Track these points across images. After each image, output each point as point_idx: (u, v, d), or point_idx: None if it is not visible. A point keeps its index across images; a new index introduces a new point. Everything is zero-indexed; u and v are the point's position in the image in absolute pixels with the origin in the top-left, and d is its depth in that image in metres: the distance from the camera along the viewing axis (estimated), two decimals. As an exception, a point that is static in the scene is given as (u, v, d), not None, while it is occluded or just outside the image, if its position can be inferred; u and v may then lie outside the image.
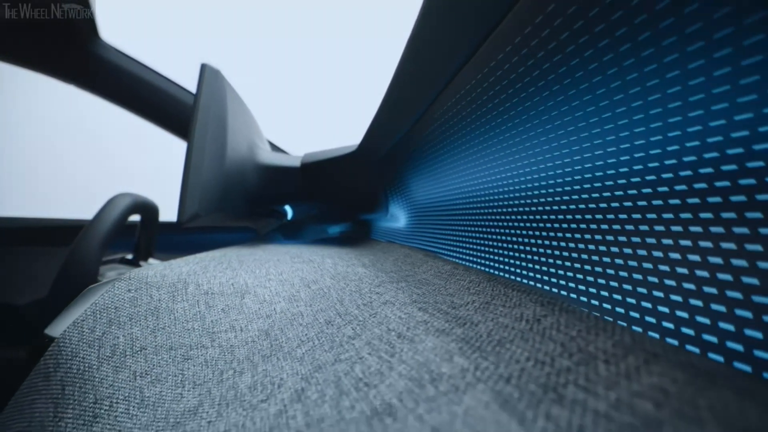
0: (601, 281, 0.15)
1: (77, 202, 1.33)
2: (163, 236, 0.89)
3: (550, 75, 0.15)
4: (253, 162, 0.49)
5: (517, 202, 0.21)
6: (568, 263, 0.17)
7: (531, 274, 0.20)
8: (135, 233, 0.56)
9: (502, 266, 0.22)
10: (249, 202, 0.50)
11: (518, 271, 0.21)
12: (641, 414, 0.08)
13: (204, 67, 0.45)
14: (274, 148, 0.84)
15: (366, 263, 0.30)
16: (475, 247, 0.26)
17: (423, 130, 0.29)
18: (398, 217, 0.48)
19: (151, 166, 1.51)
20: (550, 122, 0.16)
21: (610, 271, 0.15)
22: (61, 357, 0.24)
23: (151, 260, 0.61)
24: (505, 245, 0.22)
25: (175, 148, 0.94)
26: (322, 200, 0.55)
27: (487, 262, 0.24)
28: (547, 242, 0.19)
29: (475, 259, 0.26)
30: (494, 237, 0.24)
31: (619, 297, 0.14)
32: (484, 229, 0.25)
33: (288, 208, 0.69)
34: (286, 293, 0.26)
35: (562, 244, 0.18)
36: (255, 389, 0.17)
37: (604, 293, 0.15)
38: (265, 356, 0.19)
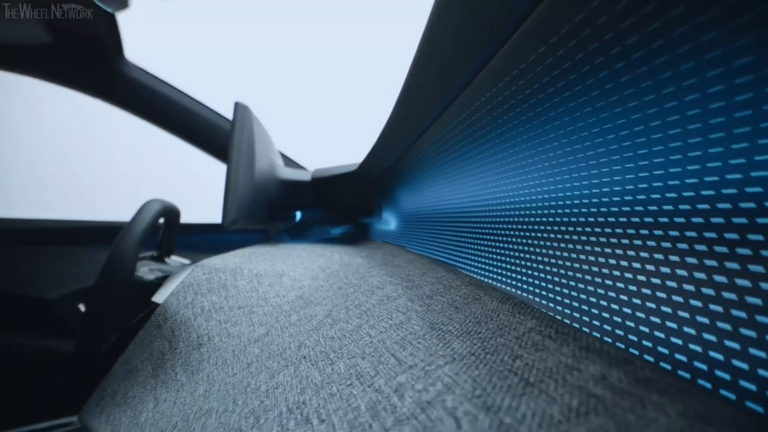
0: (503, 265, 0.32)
1: (97, 205, 1.52)
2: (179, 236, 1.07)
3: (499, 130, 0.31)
4: (274, 178, 0.67)
5: (464, 215, 0.38)
6: (484, 258, 0.34)
7: (460, 259, 0.36)
8: (158, 233, 0.69)
9: (444, 254, 0.39)
10: (270, 209, 0.67)
11: (453, 257, 0.38)
12: (456, 301, 0.25)
13: (237, 105, 0.62)
14: (284, 157, 1.01)
15: (363, 256, 0.47)
16: (433, 243, 0.43)
17: (408, 160, 0.46)
18: (390, 222, 0.65)
19: (158, 170, 1.69)
20: (492, 163, 0.33)
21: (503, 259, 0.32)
22: (167, 313, 0.42)
23: (173, 257, 0.76)
24: (451, 243, 0.39)
25: (172, 148, 1.11)
26: (329, 207, 0.72)
27: (437, 252, 0.41)
28: (475, 242, 0.35)
29: (432, 251, 0.43)
30: (444, 237, 0.41)
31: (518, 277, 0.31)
32: (441, 232, 0.42)
33: (297, 213, 0.86)
34: (310, 274, 0.43)
35: (484, 244, 0.34)
36: (301, 320, 0.33)
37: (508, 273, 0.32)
38: (302, 307, 0.36)
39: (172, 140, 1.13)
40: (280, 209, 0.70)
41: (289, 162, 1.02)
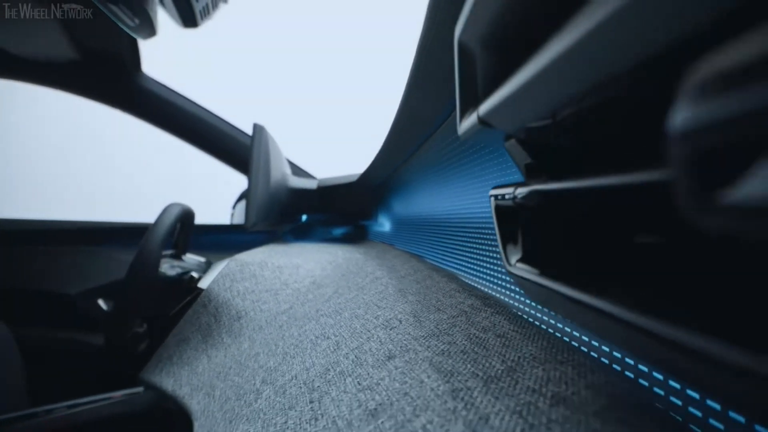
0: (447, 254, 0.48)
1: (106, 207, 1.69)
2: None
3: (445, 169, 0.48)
4: (285, 187, 0.83)
5: (432, 222, 0.54)
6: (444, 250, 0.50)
7: (427, 251, 0.53)
8: (174, 234, 0.83)
9: (419, 249, 0.56)
10: (282, 213, 0.83)
11: (423, 250, 0.54)
12: (418, 278, 0.41)
13: (255, 126, 0.78)
14: (292, 165, 1.18)
15: (361, 252, 0.63)
16: (414, 242, 0.59)
17: (398, 178, 0.62)
18: (384, 225, 0.81)
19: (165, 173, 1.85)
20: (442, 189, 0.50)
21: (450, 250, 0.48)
22: (211, 296, 0.58)
23: (189, 255, 0.91)
24: (422, 241, 0.56)
25: (172, 153, 1.28)
26: (332, 211, 0.88)
27: (415, 248, 0.58)
28: (446, 243, 0.52)
29: (412, 248, 0.59)
30: (419, 237, 0.57)
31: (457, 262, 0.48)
32: (418, 234, 0.58)
33: (303, 215, 1.02)
34: (320, 266, 0.60)
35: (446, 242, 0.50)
36: (316, 297, 0.50)
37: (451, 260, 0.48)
38: (316, 288, 0.52)
39: (171, 148, 1.29)
40: (290, 213, 0.87)
41: (295, 168, 1.19)
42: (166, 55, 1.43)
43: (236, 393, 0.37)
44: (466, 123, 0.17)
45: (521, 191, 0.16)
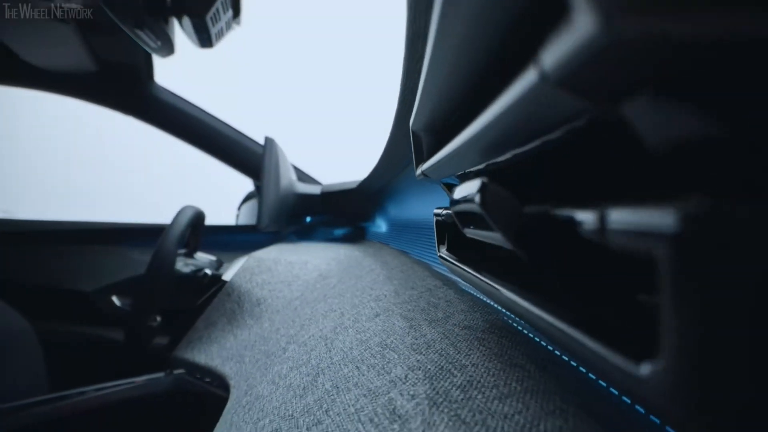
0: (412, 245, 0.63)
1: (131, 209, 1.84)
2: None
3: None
4: (292, 192, 0.98)
5: (415, 225, 0.69)
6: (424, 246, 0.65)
7: (415, 248, 0.68)
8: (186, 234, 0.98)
9: (408, 247, 0.71)
10: (289, 215, 0.98)
11: (411, 248, 0.69)
12: (404, 270, 0.56)
13: (267, 139, 0.93)
14: (297, 170, 1.32)
15: (360, 251, 0.78)
16: (405, 242, 0.74)
17: (394, 185, 0.77)
18: (381, 226, 0.96)
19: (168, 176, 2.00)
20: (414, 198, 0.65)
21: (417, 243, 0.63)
22: (233, 287, 0.73)
23: (199, 253, 1.06)
24: (411, 241, 0.71)
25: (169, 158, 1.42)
26: (334, 214, 1.03)
27: (406, 247, 0.73)
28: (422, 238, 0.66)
29: (404, 246, 0.75)
30: (409, 238, 0.72)
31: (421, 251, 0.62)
32: (408, 234, 0.73)
33: (307, 217, 1.17)
34: (325, 262, 0.74)
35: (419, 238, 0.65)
36: (323, 287, 0.64)
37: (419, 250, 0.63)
38: (322, 279, 0.67)
39: (173, 152, 1.43)
40: (297, 215, 1.02)
41: (300, 173, 1.34)
42: (175, 65, 1.57)
43: (265, 354, 0.52)
44: (418, 172, 0.32)
45: (445, 212, 0.30)
